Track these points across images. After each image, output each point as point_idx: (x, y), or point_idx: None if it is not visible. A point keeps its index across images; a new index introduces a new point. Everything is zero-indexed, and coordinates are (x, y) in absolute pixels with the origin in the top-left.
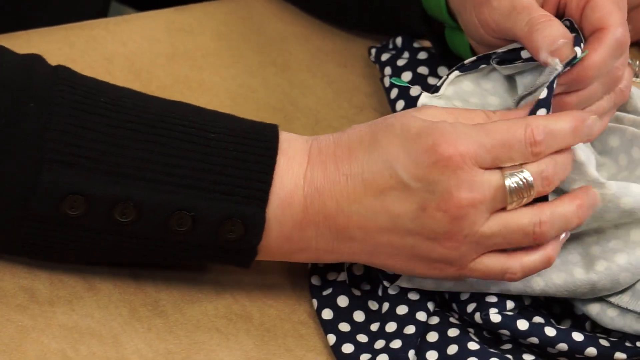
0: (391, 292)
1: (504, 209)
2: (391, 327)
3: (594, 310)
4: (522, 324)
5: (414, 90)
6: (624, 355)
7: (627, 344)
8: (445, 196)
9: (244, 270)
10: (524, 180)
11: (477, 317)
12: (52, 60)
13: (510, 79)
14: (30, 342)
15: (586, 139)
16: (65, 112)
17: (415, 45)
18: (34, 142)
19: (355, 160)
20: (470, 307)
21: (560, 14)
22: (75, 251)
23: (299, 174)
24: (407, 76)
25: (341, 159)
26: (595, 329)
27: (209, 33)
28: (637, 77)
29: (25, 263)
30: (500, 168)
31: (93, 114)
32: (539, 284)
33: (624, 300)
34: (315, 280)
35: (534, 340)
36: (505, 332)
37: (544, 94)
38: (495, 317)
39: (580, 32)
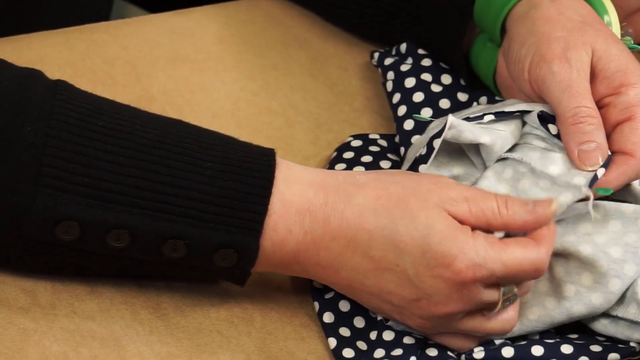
0: None
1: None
2: (389, 335)
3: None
4: (507, 352)
5: (425, 112)
6: (617, 356)
7: (620, 345)
8: (440, 303)
9: None
10: (512, 295)
11: (463, 358)
12: (53, 64)
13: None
14: (32, 345)
15: None
16: (61, 136)
17: (420, 51)
18: (29, 167)
19: (364, 229)
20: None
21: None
22: (72, 268)
23: (295, 222)
24: (410, 82)
25: (348, 220)
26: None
27: (210, 37)
28: None
29: None
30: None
31: (89, 139)
32: (515, 325)
33: (615, 309)
34: (317, 284)
35: None
36: None
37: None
38: (478, 354)
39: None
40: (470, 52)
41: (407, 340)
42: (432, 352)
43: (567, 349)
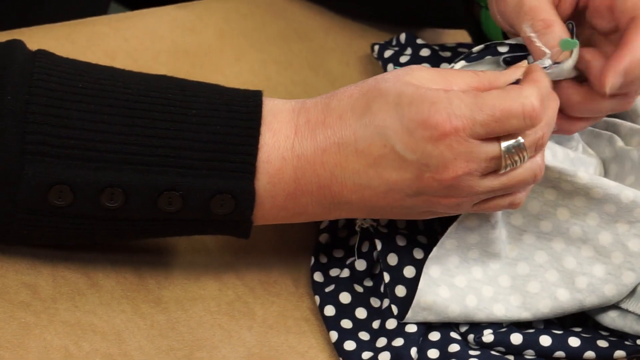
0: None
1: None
2: (392, 324)
3: (595, 309)
4: (516, 338)
5: None
6: (623, 353)
7: (627, 342)
8: (440, 168)
9: (246, 267)
10: (519, 150)
11: (471, 338)
12: None
13: None
14: (32, 338)
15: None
16: (42, 102)
17: (419, 41)
18: (13, 137)
19: (347, 128)
20: (464, 328)
21: (582, 8)
22: (70, 237)
23: (286, 148)
24: None
25: (331, 126)
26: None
27: (211, 30)
28: None
29: (27, 260)
30: (496, 137)
31: (71, 101)
32: (527, 317)
33: (625, 302)
34: (317, 277)
35: (530, 352)
36: (501, 349)
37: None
38: (488, 337)
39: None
40: (480, 23)
41: (409, 328)
42: (435, 336)
43: (574, 341)
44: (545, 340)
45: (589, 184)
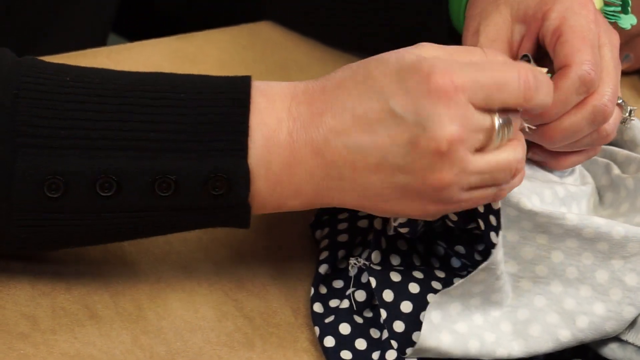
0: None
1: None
2: (392, 355)
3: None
4: None
5: None
6: None
7: None
8: (436, 129)
9: (245, 297)
10: (508, 126)
11: None
12: None
13: None
14: None
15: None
16: (31, 95)
17: None
18: (4, 131)
19: (346, 94)
20: None
21: (542, 47)
22: (67, 238)
23: (282, 109)
24: None
25: (330, 92)
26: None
27: (211, 61)
28: (624, 122)
29: (26, 291)
30: (490, 112)
31: (60, 93)
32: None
33: (625, 334)
34: (317, 308)
35: None
36: None
37: None
38: None
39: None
40: None
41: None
42: None
43: None
44: None
45: (579, 225)
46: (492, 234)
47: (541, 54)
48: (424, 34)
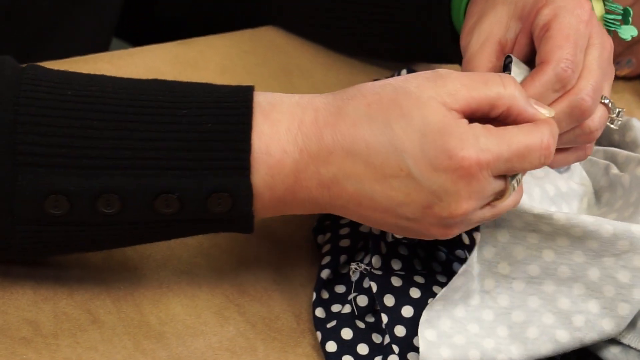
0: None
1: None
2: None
3: (597, 344)
4: None
5: None
6: None
7: None
8: (452, 204)
9: (248, 302)
10: (518, 181)
11: None
12: None
13: None
14: None
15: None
16: (31, 112)
17: None
18: (5, 148)
19: (360, 138)
20: None
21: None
22: (72, 247)
23: (288, 141)
24: None
25: (342, 132)
26: None
27: (212, 67)
28: (612, 122)
29: (28, 296)
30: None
31: (60, 109)
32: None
33: (627, 337)
34: (319, 313)
35: None
36: None
37: None
38: None
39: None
40: None
41: None
42: None
43: None
44: None
45: (567, 224)
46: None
47: (534, 51)
48: (426, 36)
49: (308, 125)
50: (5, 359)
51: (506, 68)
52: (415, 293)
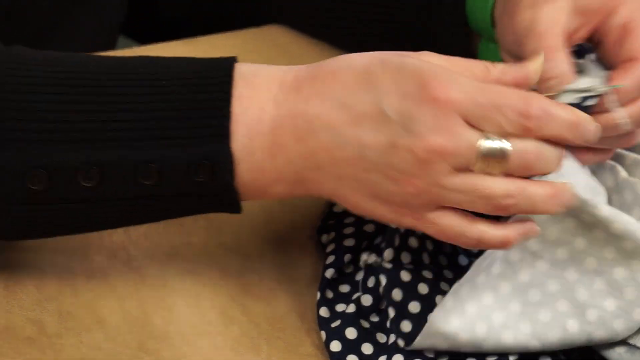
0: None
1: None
2: (398, 359)
3: (603, 344)
4: None
5: None
6: None
7: None
8: (417, 136)
9: (252, 302)
10: (501, 151)
11: None
12: None
13: None
14: None
15: (579, 140)
16: (13, 89)
17: None
18: None
19: (339, 83)
20: None
21: (595, 42)
22: (55, 228)
23: (267, 99)
24: None
25: (321, 79)
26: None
27: None
28: None
29: (33, 295)
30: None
31: (42, 86)
32: (535, 346)
33: (634, 338)
34: (323, 312)
35: None
36: None
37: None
38: None
39: (588, 58)
40: (477, 55)
41: None
42: None
43: None
44: None
45: (609, 218)
46: None
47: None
48: (426, 36)
49: (288, 84)
50: (10, 358)
51: (578, 56)
52: (423, 289)
